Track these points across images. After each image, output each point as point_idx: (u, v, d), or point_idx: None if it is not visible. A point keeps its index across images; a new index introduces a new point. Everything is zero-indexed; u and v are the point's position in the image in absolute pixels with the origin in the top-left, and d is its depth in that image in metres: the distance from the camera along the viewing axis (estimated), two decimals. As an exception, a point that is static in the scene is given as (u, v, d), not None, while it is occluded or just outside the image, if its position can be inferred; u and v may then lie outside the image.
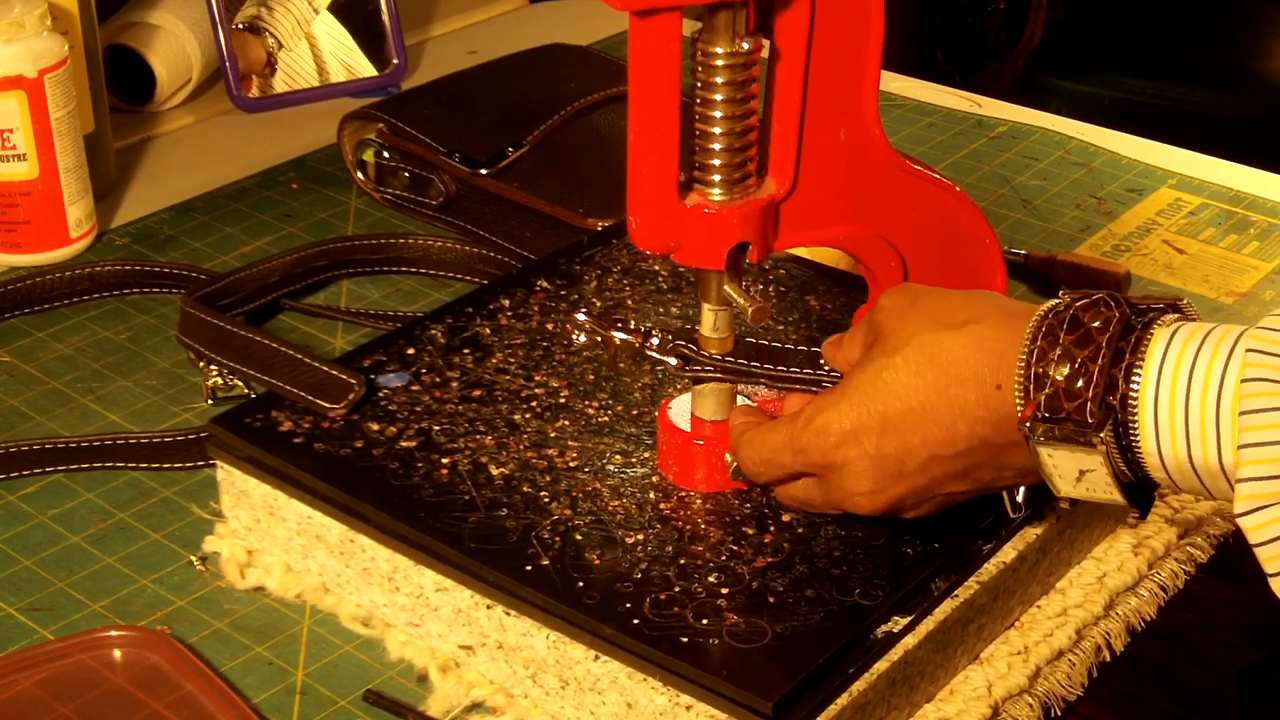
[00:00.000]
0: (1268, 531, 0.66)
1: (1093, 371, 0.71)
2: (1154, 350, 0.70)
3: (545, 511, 0.83)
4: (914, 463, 0.76)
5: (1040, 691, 0.83)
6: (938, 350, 0.75)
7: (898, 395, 0.76)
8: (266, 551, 0.90)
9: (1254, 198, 1.29)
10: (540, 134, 1.22)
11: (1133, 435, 0.71)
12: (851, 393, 0.77)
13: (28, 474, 0.96)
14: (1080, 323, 0.72)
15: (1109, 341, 0.71)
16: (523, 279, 1.03)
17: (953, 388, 0.75)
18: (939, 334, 0.75)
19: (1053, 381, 0.72)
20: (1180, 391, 0.69)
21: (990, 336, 0.74)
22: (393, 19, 1.46)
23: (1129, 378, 0.71)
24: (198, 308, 1.03)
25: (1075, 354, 0.72)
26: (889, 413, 0.76)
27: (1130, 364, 0.71)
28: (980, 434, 0.75)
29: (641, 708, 0.76)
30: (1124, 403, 0.71)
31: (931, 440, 0.75)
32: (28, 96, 1.12)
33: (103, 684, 0.81)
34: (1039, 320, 0.73)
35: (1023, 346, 0.73)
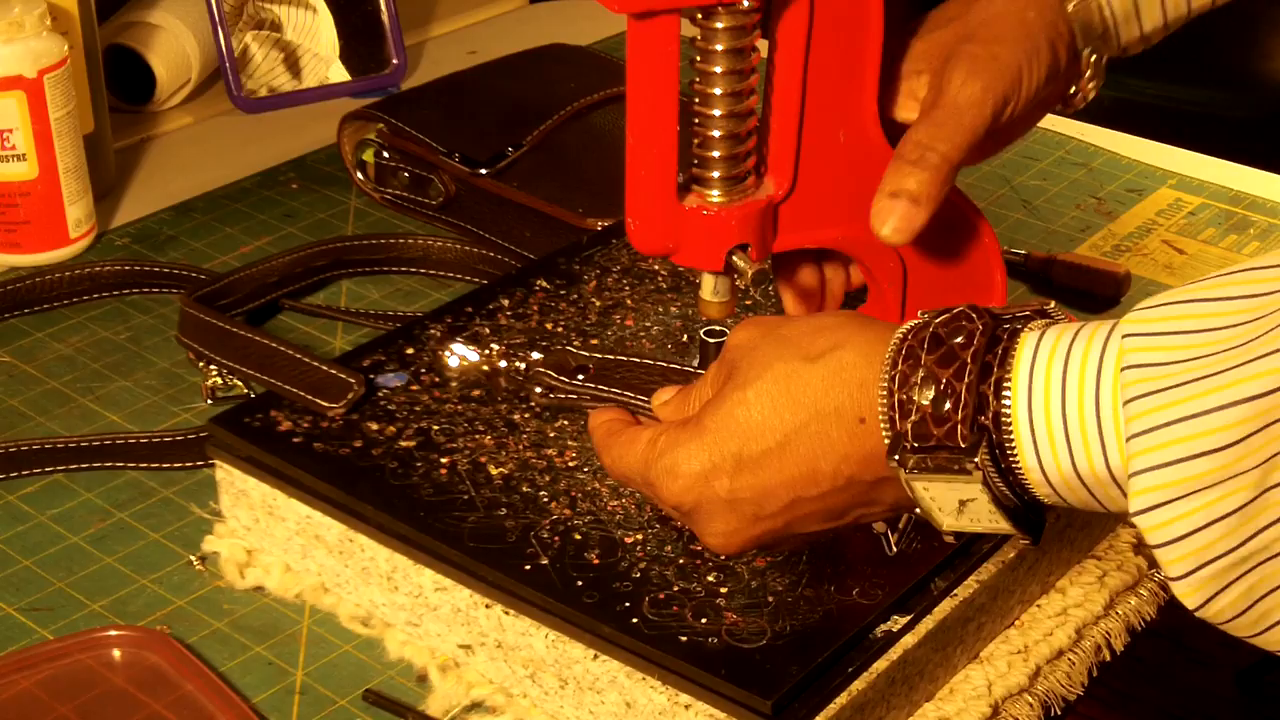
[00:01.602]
0: (1168, 531, 0.59)
1: (959, 390, 0.65)
2: (1021, 357, 0.65)
3: (544, 511, 0.83)
4: (773, 506, 0.71)
5: (1040, 691, 0.83)
6: (794, 383, 0.70)
7: (753, 435, 0.70)
8: (266, 551, 0.90)
9: (1254, 198, 1.29)
10: (540, 134, 1.22)
11: (1010, 454, 0.65)
12: (705, 431, 0.71)
13: (27, 474, 0.96)
14: (941, 340, 0.67)
15: (974, 356, 0.65)
16: (522, 279, 1.03)
17: (813, 425, 0.69)
18: (795, 365, 0.70)
19: (918, 407, 0.66)
20: (1055, 395, 0.63)
21: (850, 364, 0.69)
22: (393, 19, 1.46)
23: (999, 392, 0.65)
24: (197, 308, 1.03)
25: (939, 374, 0.66)
26: (744, 454, 0.70)
27: (999, 377, 0.65)
28: (846, 472, 0.70)
29: (640, 707, 0.76)
30: (997, 420, 0.65)
31: (792, 482, 0.70)
32: (27, 96, 1.12)
33: (102, 684, 0.81)
34: (898, 342, 0.68)
35: (883, 373, 0.67)
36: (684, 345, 0.96)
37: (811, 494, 0.71)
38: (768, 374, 0.70)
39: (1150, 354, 0.61)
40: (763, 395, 0.70)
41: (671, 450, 0.73)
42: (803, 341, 0.71)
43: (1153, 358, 0.60)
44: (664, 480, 0.73)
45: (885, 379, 0.67)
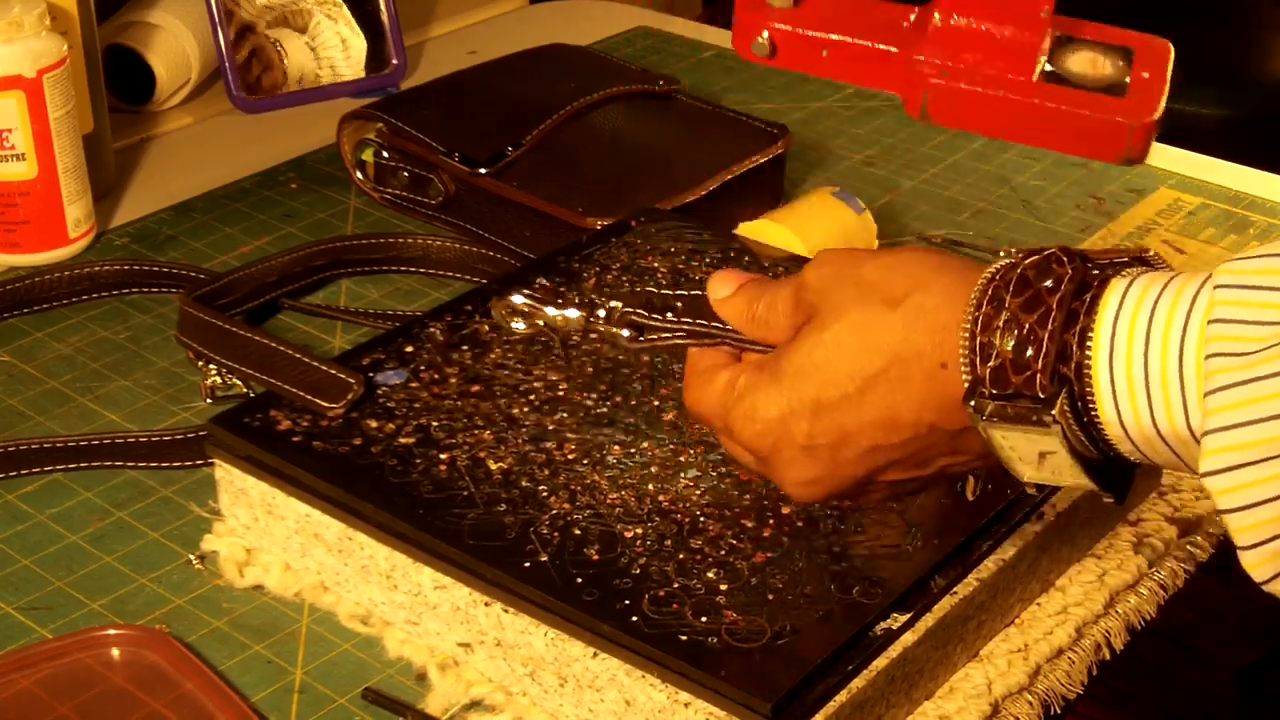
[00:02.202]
0: (1239, 496, 0.56)
1: (1042, 338, 0.62)
2: (1107, 305, 0.62)
3: (544, 506, 0.83)
4: (852, 453, 0.69)
5: (1040, 689, 0.83)
6: (873, 329, 0.67)
7: (832, 381, 0.68)
8: (265, 550, 0.89)
9: (1254, 198, 1.29)
10: (540, 134, 1.22)
11: (1090, 407, 0.63)
12: (782, 376, 0.69)
13: (27, 473, 0.96)
14: (1029, 283, 0.64)
15: (1060, 302, 0.62)
16: (522, 277, 1.03)
17: (893, 370, 0.67)
18: (874, 310, 0.67)
19: (999, 352, 0.63)
20: (1138, 346, 0.61)
21: (932, 309, 0.66)
22: (392, 19, 1.46)
23: (1083, 342, 0.62)
24: (197, 307, 1.03)
25: (1023, 319, 0.63)
26: (823, 399, 0.68)
27: (1084, 326, 0.62)
28: (928, 420, 0.67)
29: (640, 705, 0.76)
30: (1079, 371, 0.62)
31: (871, 428, 0.68)
32: (26, 96, 1.12)
33: (101, 683, 0.81)
34: (984, 284, 0.65)
35: (966, 315, 0.65)
36: None
37: (892, 441, 0.68)
38: (846, 318, 0.68)
39: (1240, 309, 0.58)
40: (841, 340, 0.68)
41: (750, 394, 0.71)
42: (882, 284, 0.68)
43: (1242, 314, 0.58)
44: (741, 424, 0.71)
45: (968, 321, 0.65)
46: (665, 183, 1.17)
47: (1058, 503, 0.86)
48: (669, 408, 0.91)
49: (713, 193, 1.18)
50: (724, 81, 1.51)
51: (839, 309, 0.68)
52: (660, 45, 1.59)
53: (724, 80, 1.51)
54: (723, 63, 1.55)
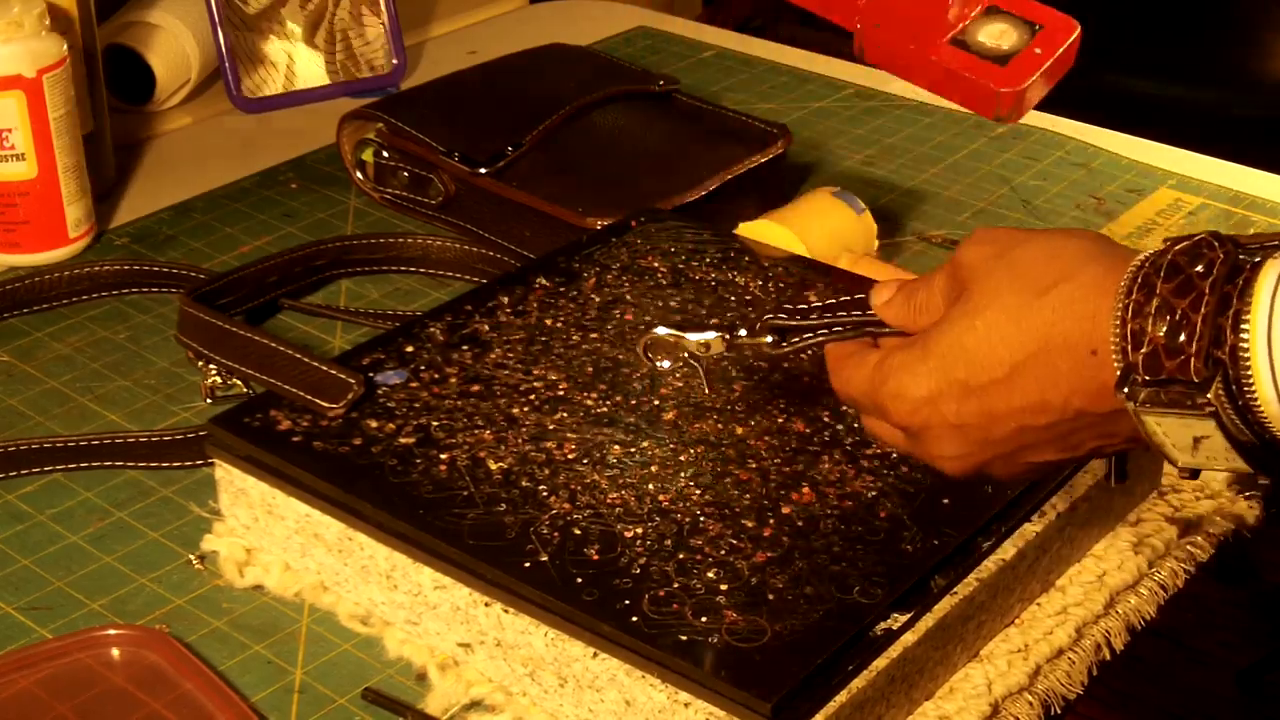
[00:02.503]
0: None
1: (1195, 322, 0.63)
2: (1263, 287, 0.62)
3: (544, 506, 0.83)
4: (1000, 433, 0.70)
5: (1040, 690, 0.83)
6: (1024, 315, 0.68)
7: (981, 364, 0.69)
8: (265, 550, 0.89)
9: (1254, 198, 1.29)
10: (540, 134, 1.22)
11: (1248, 391, 0.62)
12: (930, 356, 0.71)
13: (26, 473, 0.96)
14: (1180, 268, 0.64)
15: (1213, 286, 0.63)
16: (522, 276, 1.03)
17: (1042, 355, 0.67)
18: (1025, 298, 0.68)
19: (1151, 338, 0.63)
20: None
21: (1081, 298, 0.67)
22: (392, 19, 1.46)
23: (1238, 326, 0.62)
24: (197, 307, 1.03)
25: (1175, 304, 0.63)
26: (971, 382, 0.69)
27: (1239, 309, 0.62)
28: (1076, 405, 0.68)
29: (640, 705, 0.76)
30: (1234, 355, 0.62)
31: (1020, 411, 0.69)
32: (26, 96, 1.12)
33: (101, 683, 0.81)
34: (1134, 271, 0.65)
35: (1117, 303, 0.65)
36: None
37: (1040, 423, 0.69)
38: (997, 303, 0.69)
39: None
40: (992, 326, 0.69)
41: (899, 373, 0.72)
42: (1034, 271, 0.68)
43: None
44: (892, 403, 0.72)
45: (1119, 308, 0.65)
46: (665, 183, 1.17)
47: (1058, 503, 0.86)
48: (669, 407, 0.91)
49: (713, 193, 1.18)
50: (724, 81, 1.51)
51: (990, 293, 0.69)
52: (660, 45, 1.59)
53: (724, 80, 1.51)
54: (723, 63, 1.55)
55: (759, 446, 0.88)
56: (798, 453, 0.88)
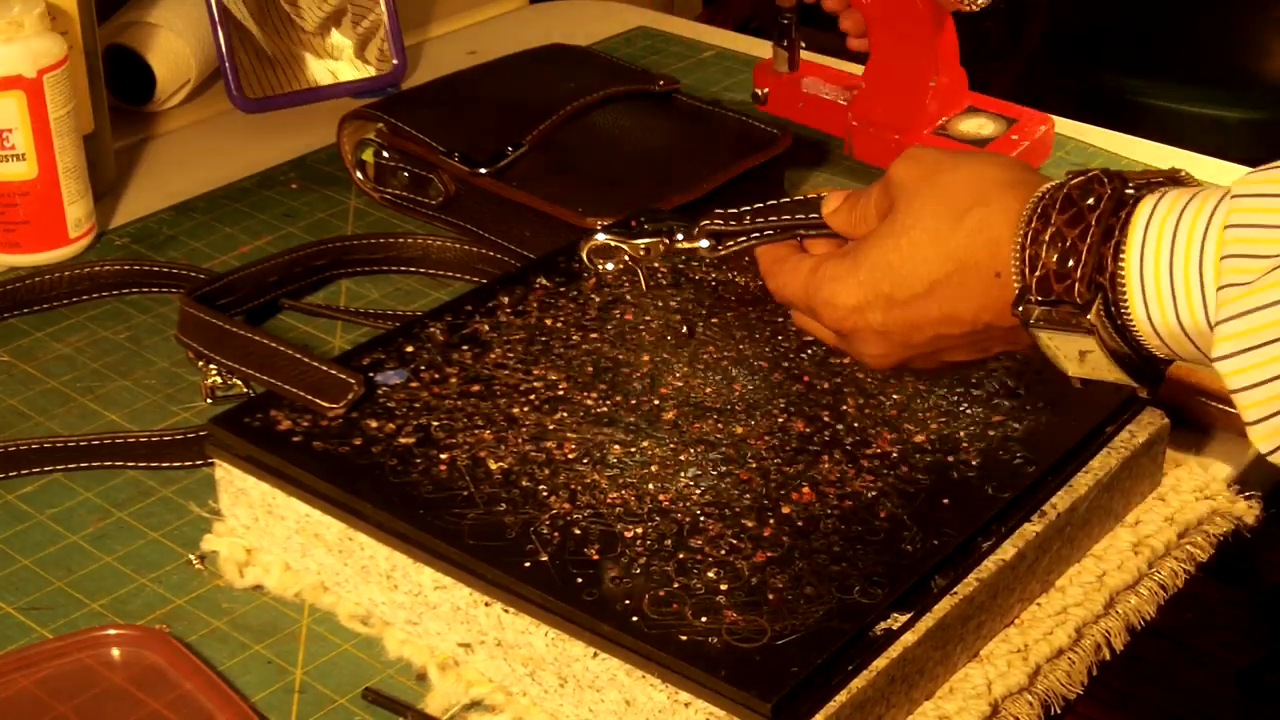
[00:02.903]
0: (1247, 377, 0.64)
1: (1081, 251, 0.70)
2: (1138, 220, 0.70)
3: (544, 506, 0.83)
4: (919, 339, 0.78)
5: (1040, 690, 0.83)
6: (942, 237, 0.75)
7: (903, 279, 0.76)
8: (265, 550, 0.89)
9: (1254, 197, 1.29)
10: (540, 134, 1.22)
11: (1124, 311, 0.71)
12: (859, 268, 0.78)
13: (26, 473, 0.96)
14: (1073, 201, 0.72)
15: (1099, 219, 0.70)
16: (522, 276, 1.03)
17: (956, 275, 0.75)
18: (944, 221, 0.75)
19: (1044, 264, 0.72)
20: (1164, 253, 0.68)
21: (991, 223, 0.74)
22: (392, 19, 1.46)
23: (1117, 254, 0.70)
24: (197, 307, 1.03)
25: (1066, 234, 0.71)
26: (895, 295, 0.77)
27: (1119, 240, 0.70)
28: (984, 319, 0.76)
29: (640, 705, 0.76)
30: (1113, 280, 0.70)
31: (936, 322, 0.77)
32: (27, 96, 1.12)
33: (101, 683, 0.81)
34: (1035, 201, 0.73)
35: (1018, 230, 0.73)
36: (684, 338, 0.96)
37: (954, 333, 0.77)
38: (920, 224, 0.76)
39: (1255, 214, 0.65)
40: (916, 245, 0.76)
41: (831, 283, 0.80)
42: (955, 195, 0.76)
43: (1257, 219, 0.65)
44: (824, 309, 0.80)
45: (1019, 235, 0.73)
46: (665, 183, 1.17)
47: (1058, 503, 0.86)
48: (669, 407, 0.91)
49: (713, 193, 1.18)
50: (724, 81, 1.50)
51: (915, 213, 0.77)
52: (660, 45, 1.59)
53: (724, 80, 1.51)
54: (723, 63, 1.55)
55: (759, 446, 0.88)
56: (798, 453, 0.88)
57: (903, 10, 1.26)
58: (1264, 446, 0.65)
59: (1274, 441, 0.65)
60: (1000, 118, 1.31)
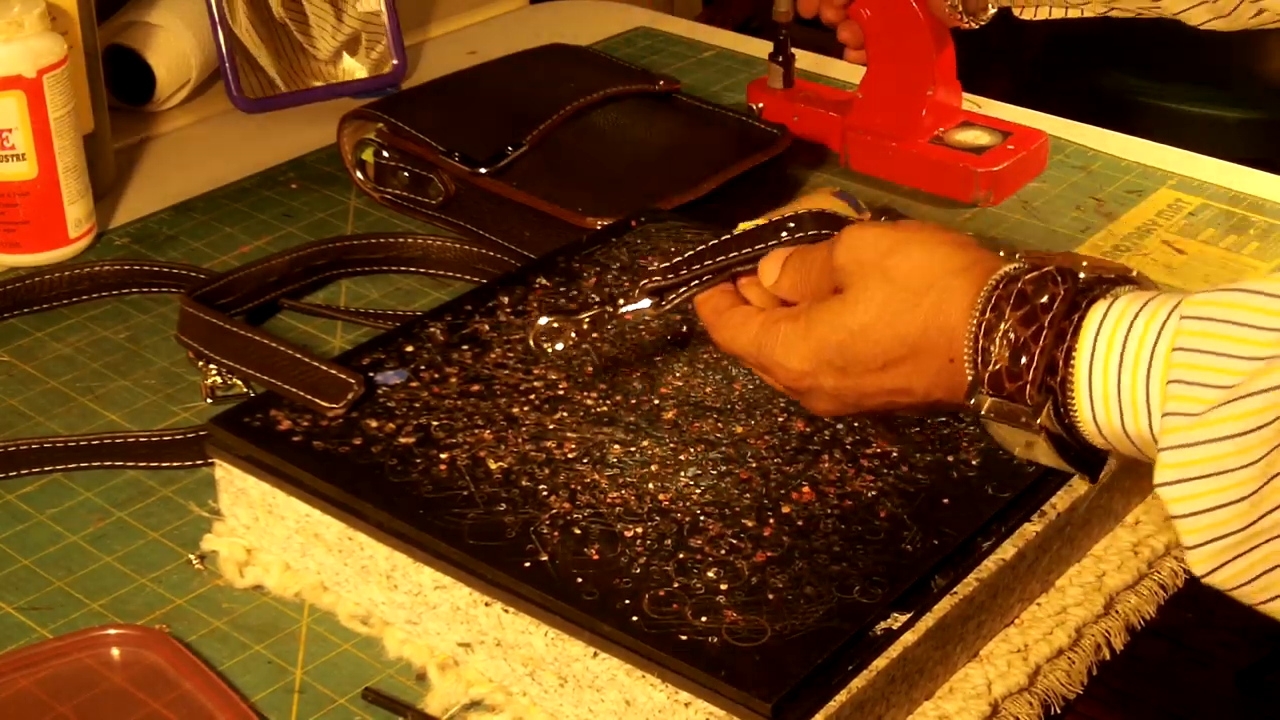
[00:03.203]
0: (1187, 505, 0.66)
1: (1034, 352, 0.72)
2: (1089, 325, 0.71)
3: (544, 505, 0.83)
4: (871, 404, 0.80)
5: (1040, 690, 0.83)
6: (897, 321, 0.76)
7: (857, 357, 0.77)
8: (265, 550, 0.89)
9: (1254, 198, 1.29)
10: (540, 134, 1.22)
11: (1071, 411, 0.72)
12: (812, 337, 0.79)
13: (26, 473, 0.96)
14: (1026, 298, 0.72)
15: (1052, 321, 0.71)
16: (522, 277, 1.03)
17: (910, 358, 0.76)
18: (898, 307, 0.76)
19: (997, 359, 0.73)
20: (1114, 362, 0.70)
21: (944, 310, 0.75)
22: (393, 19, 1.46)
23: (1068, 359, 0.71)
24: (197, 307, 1.03)
25: (1019, 333, 0.72)
26: (848, 367, 0.78)
27: (1070, 346, 0.71)
28: (935, 396, 0.77)
29: (640, 705, 0.76)
30: (1063, 384, 0.72)
31: (889, 393, 0.78)
32: (27, 96, 1.12)
33: (101, 683, 0.81)
34: (989, 291, 0.74)
35: (970, 320, 0.74)
36: (684, 336, 0.96)
37: (904, 402, 0.79)
38: (871, 309, 0.77)
39: (1202, 339, 0.66)
40: (867, 329, 0.77)
41: (782, 347, 0.80)
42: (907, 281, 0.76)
43: (1203, 344, 0.66)
44: (775, 369, 0.81)
45: (972, 323, 0.74)
46: (665, 183, 1.17)
47: (1058, 503, 0.86)
48: (669, 407, 0.91)
49: (713, 193, 1.18)
50: (724, 81, 1.50)
51: (867, 298, 0.77)
52: (660, 45, 1.59)
53: (724, 80, 1.51)
54: (723, 63, 1.55)
55: (759, 446, 0.88)
56: (798, 452, 0.88)
57: (901, 22, 1.27)
58: (1200, 569, 0.67)
59: (1209, 565, 0.66)
60: (996, 131, 1.32)
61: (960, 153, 1.28)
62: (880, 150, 1.31)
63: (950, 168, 1.28)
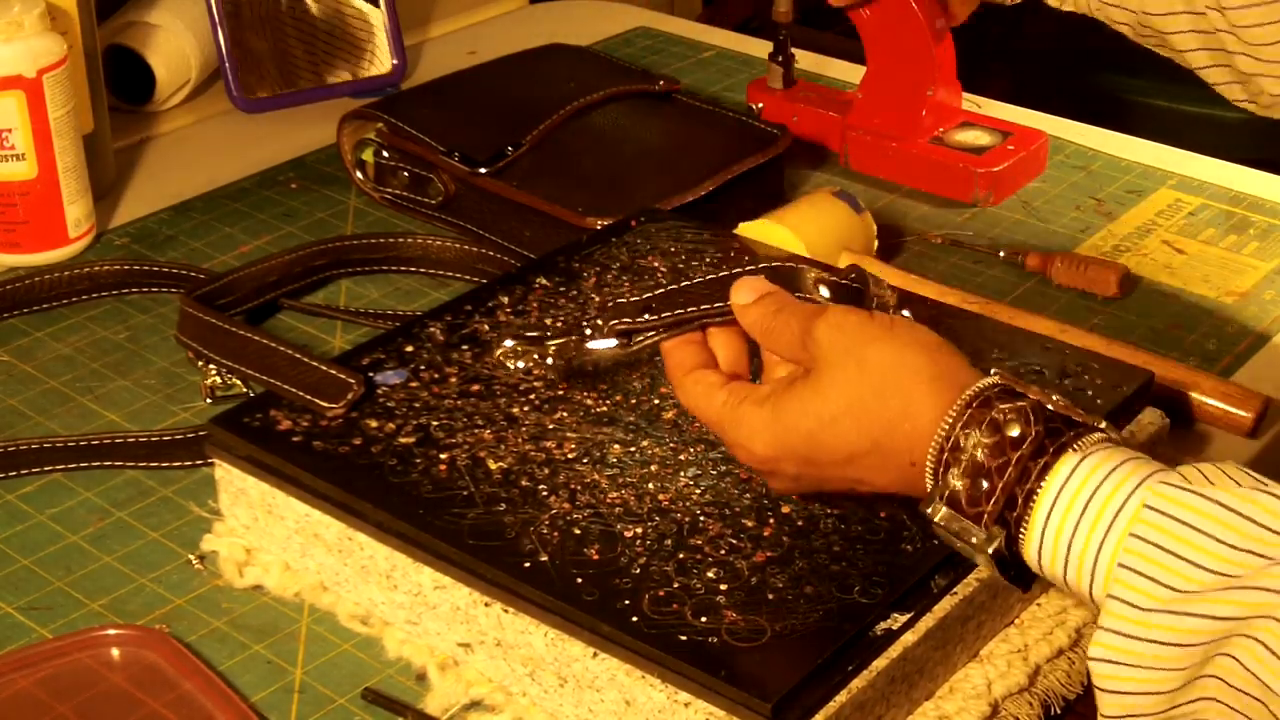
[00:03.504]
0: (1114, 684, 0.69)
1: (995, 487, 0.72)
2: (1056, 476, 0.72)
3: (544, 506, 0.83)
4: (831, 488, 0.81)
5: (1040, 690, 0.83)
6: (864, 416, 0.76)
7: (820, 447, 0.77)
8: (265, 550, 0.89)
9: (1254, 198, 1.29)
10: (539, 134, 1.22)
11: (1019, 542, 0.73)
12: (777, 424, 0.78)
13: (26, 473, 0.96)
14: (998, 427, 0.73)
15: (1019, 460, 0.72)
16: (521, 276, 1.03)
17: (873, 454, 0.76)
18: (866, 402, 0.76)
19: (959, 479, 0.73)
20: (1070, 522, 0.71)
21: (911, 414, 0.75)
22: (392, 19, 1.46)
23: (1028, 501, 0.72)
24: (197, 307, 1.03)
25: (985, 463, 0.73)
26: (812, 459, 0.78)
27: (1031, 489, 0.72)
28: (894, 488, 0.78)
29: (640, 705, 0.76)
30: (1018, 522, 0.73)
31: (849, 482, 0.79)
32: (26, 96, 1.12)
33: (101, 683, 0.81)
34: (961, 407, 0.74)
35: (939, 430, 0.74)
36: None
37: (864, 489, 0.80)
38: (841, 400, 0.77)
39: (1160, 534, 0.68)
40: (835, 420, 0.77)
41: (745, 428, 0.79)
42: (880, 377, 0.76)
43: (1160, 539, 0.68)
44: (738, 448, 0.81)
45: (940, 435, 0.74)
46: (665, 183, 1.17)
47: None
48: (669, 406, 0.91)
49: (713, 193, 1.18)
50: (724, 81, 1.50)
51: (837, 386, 0.77)
52: (660, 45, 1.59)
53: (724, 80, 1.51)
54: (723, 63, 1.55)
55: (759, 446, 0.88)
56: (798, 453, 0.87)
57: (901, 22, 1.27)
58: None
59: None
60: (996, 131, 1.32)
61: (960, 153, 1.29)
62: (880, 150, 1.31)
63: (950, 168, 1.28)
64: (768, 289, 0.82)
